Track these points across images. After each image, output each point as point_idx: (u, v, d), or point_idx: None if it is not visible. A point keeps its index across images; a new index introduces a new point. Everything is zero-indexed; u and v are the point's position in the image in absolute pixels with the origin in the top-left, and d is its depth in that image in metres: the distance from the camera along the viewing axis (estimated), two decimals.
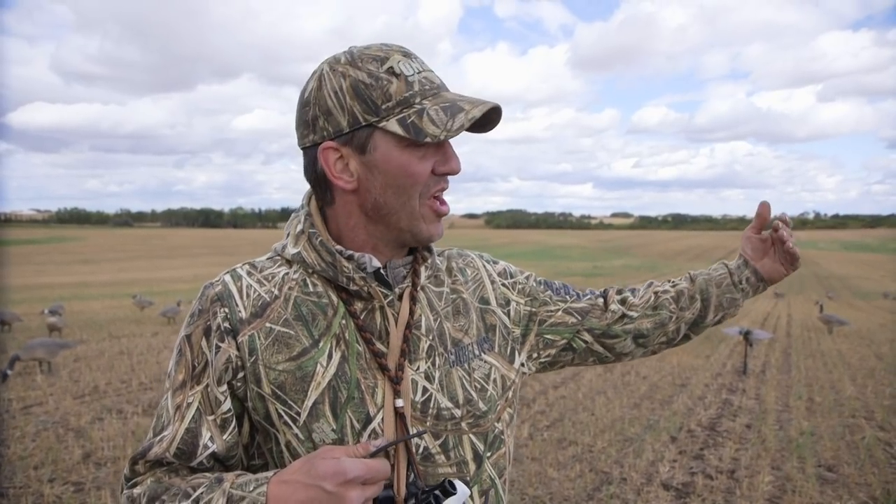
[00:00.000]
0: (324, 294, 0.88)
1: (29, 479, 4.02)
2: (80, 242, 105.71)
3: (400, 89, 0.81)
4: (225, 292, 0.86)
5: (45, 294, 24.50)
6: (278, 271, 0.90)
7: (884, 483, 4.20)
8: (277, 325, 0.86)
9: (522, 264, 1.54)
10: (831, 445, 5.02)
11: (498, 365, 0.97)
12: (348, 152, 0.84)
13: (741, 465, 4.56)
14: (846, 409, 6.26)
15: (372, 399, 0.85)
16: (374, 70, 0.82)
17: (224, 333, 0.84)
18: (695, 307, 1.08)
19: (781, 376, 8.07)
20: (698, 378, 7.70)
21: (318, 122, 0.84)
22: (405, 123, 0.81)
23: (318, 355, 0.85)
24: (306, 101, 0.85)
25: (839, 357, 9.77)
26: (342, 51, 0.86)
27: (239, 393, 0.86)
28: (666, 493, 4.01)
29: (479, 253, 1.08)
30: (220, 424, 0.85)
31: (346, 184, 0.85)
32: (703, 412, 6.05)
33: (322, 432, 0.83)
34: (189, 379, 0.85)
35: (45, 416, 5.50)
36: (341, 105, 0.82)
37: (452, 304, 0.96)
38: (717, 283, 1.08)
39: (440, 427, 0.88)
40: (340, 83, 0.82)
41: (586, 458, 4.65)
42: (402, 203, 0.85)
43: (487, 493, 0.92)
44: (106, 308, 17.25)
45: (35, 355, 7.02)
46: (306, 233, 0.89)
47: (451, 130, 0.80)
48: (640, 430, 5.38)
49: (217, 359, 0.84)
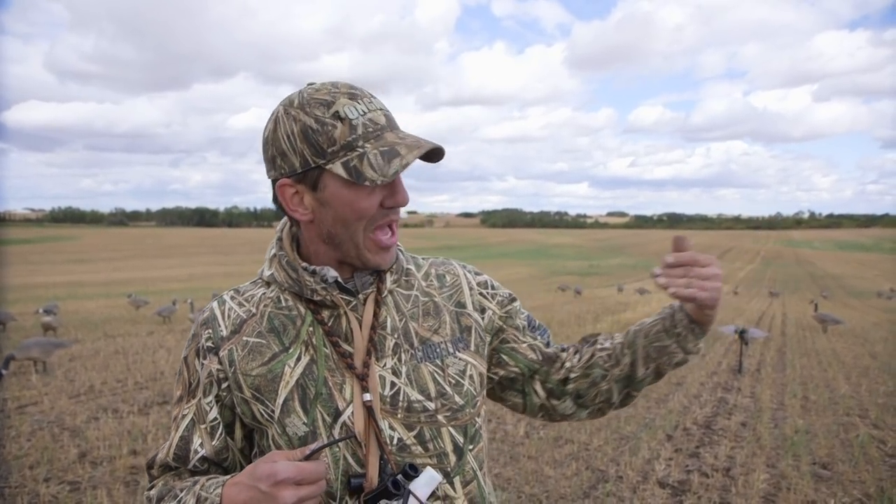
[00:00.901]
0: (293, 307, 0.98)
1: (24, 479, 4.01)
2: (75, 242, 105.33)
3: (343, 133, 0.88)
4: (211, 316, 1.00)
5: (40, 294, 24.41)
6: (257, 292, 1.02)
7: (877, 480, 4.23)
8: (252, 338, 0.97)
9: (518, 263, 1.55)
10: (826, 443, 5.05)
11: (474, 363, 1.03)
12: (302, 189, 0.92)
13: (736, 462, 4.58)
14: (840, 408, 6.29)
15: (340, 394, 0.93)
16: (321, 115, 0.88)
17: (207, 352, 0.97)
18: (623, 363, 1.05)
19: (776, 375, 8.10)
20: (694, 376, 7.73)
21: (276, 161, 0.92)
22: (348, 167, 0.87)
23: (286, 358, 0.95)
24: (266, 141, 0.93)
25: (834, 356, 9.82)
26: (298, 90, 0.94)
27: (227, 402, 0.97)
28: (662, 491, 4.02)
29: (463, 264, 1.14)
30: (209, 431, 0.97)
31: (301, 216, 0.94)
32: (698, 410, 6.07)
33: (294, 426, 0.92)
34: (185, 394, 0.99)
35: (41, 415, 5.48)
36: (293, 148, 0.89)
37: (422, 305, 1.03)
38: (646, 332, 1.03)
39: (413, 419, 0.95)
40: (292, 127, 0.89)
41: (582, 456, 4.67)
42: (349, 235, 0.93)
43: (470, 483, 0.98)
44: (101, 307, 17.20)
45: (30, 355, 6.99)
46: (277, 256, 1.00)
47: (387, 175, 0.86)
48: (636, 428, 5.40)
49: (203, 374, 0.97)
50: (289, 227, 1.03)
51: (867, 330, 13.71)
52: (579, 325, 12.16)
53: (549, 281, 38.50)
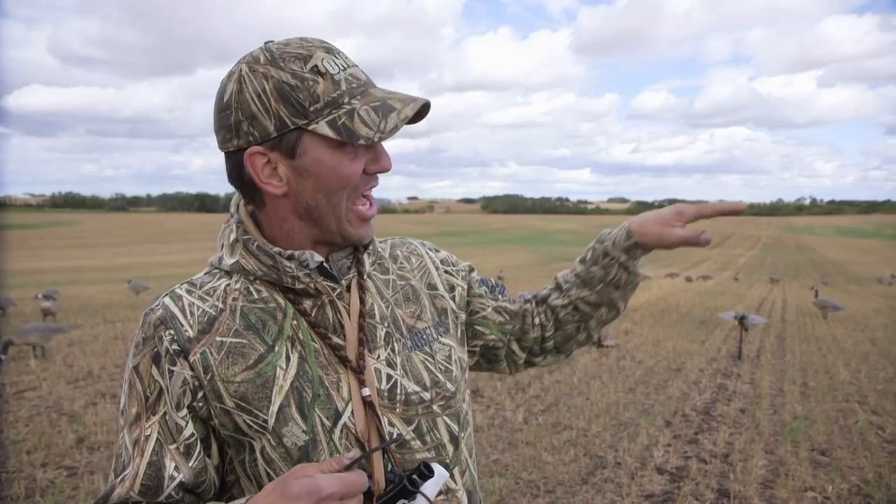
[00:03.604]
0: (269, 299, 0.86)
1: (22, 464, 4.01)
2: (75, 227, 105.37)
3: (327, 89, 0.78)
4: (167, 315, 0.83)
5: (40, 279, 24.42)
6: (219, 284, 0.87)
7: (876, 466, 4.22)
8: (228, 338, 0.83)
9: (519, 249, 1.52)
10: (825, 429, 5.04)
11: (455, 346, 0.99)
12: (276, 157, 0.81)
13: (735, 449, 4.57)
14: (840, 394, 6.28)
15: (338, 393, 0.84)
16: (298, 70, 0.78)
17: (175, 356, 0.81)
18: (599, 313, 1.08)
19: (776, 361, 8.10)
20: (693, 363, 7.73)
21: (241, 127, 0.80)
22: (336, 126, 0.78)
23: (275, 359, 0.83)
24: (227, 105, 0.81)
25: (833, 342, 9.81)
26: (258, 48, 0.82)
27: (202, 413, 0.83)
28: (660, 477, 4.02)
29: (420, 241, 1.08)
30: (183, 452, 0.82)
31: (275, 188, 0.82)
32: (697, 397, 6.07)
33: (293, 436, 0.82)
34: (143, 411, 0.82)
35: (39, 400, 5.48)
36: (266, 109, 0.78)
37: (402, 290, 0.96)
38: (615, 284, 1.06)
39: (411, 412, 0.88)
40: (263, 85, 0.78)
41: (581, 442, 4.66)
42: (332, 206, 0.83)
43: (465, 473, 0.94)
44: (101, 293, 17.20)
45: (29, 340, 6.98)
46: (241, 240, 0.87)
47: (385, 132, 0.78)
48: (634, 414, 5.39)
49: (172, 384, 0.81)
50: (244, 207, 0.90)
51: (867, 316, 13.70)
52: None
53: (550, 267, 38.49)
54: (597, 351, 8.22)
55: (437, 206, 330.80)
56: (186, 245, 65.23)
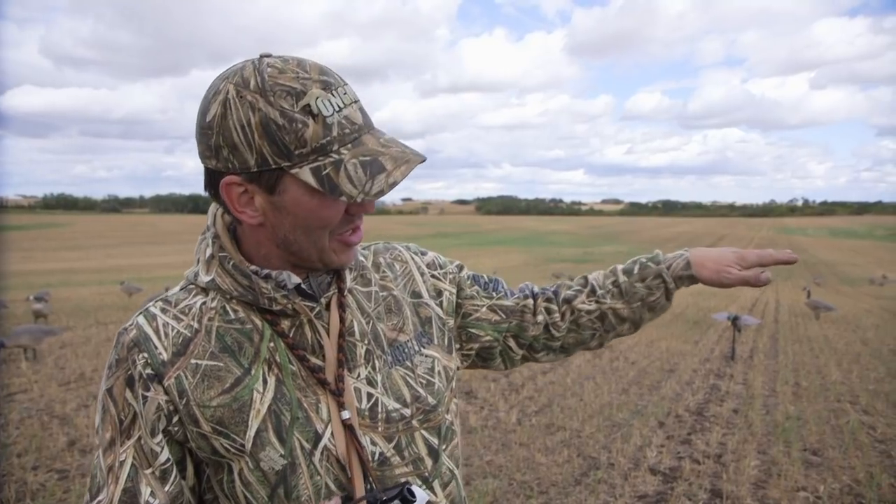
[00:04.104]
0: (246, 320, 0.83)
1: (12, 467, 3.98)
2: (68, 228, 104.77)
3: (316, 134, 0.73)
4: (141, 336, 0.81)
5: (32, 280, 24.27)
6: (194, 302, 0.84)
7: (867, 466, 4.25)
8: (203, 360, 0.81)
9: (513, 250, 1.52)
10: (817, 430, 5.07)
11: (439, 357, 0.95)
12: (254, 189, 0.77)
13: (728, 449, 4.59)
14: (832, 394, 6.32)
15: (317, 415, 0.82)
16: (288, 108, 0.73)
17: (148, 381, 0.79)
18: (622, 328, 1.07)
19: (769, 361, 8.13)
20: (686, 363, 7.75)
21: (221, 152, 0.76)
22: (319, 175, 0.73)
23: (252, 382, 0.81)
24: (209, 126, 0.76)
25: (825, 342, 9.86)
26: (250, 65, 0.76)
27: (178, 437, 0.81)
28: (653, 478, 4.03)
29: (405, 245, 1.04)
30: (159, 476, 0.80)
31: (250, 218, 0.79)
32: (690, 397, 6.09)
33: (270, 460, 0.80)
34: (118, 435, 0.80)
35: (30, 403, 5.45)
36: (249, 142, 0.73)
37: (384, 302, 0.93)
38: (651, 306, 1.05)
39: (392, 429, 0.86)
40: (249, 117, 0.73)
41: (574, 443, 4.67)
42: (312, 242, 0.80)
43: (448, 485, 0.92)
44: (93, 294, 17.12)
45: (20, 342, 6.94)
46: (216, 257, 0.84)
47: (369, 194, 0.74)
48: (628, 415, 5.40)
49: (147, 409, 0.79)
50: (222, 218, 0.87)
51: (859, 316, 13.78)
52: None
53: (544, 268, 38.54)
54: (590, 352, 8.23)
55: (431, 208, 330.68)
56: (180, 246, 64.94)
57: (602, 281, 1.06)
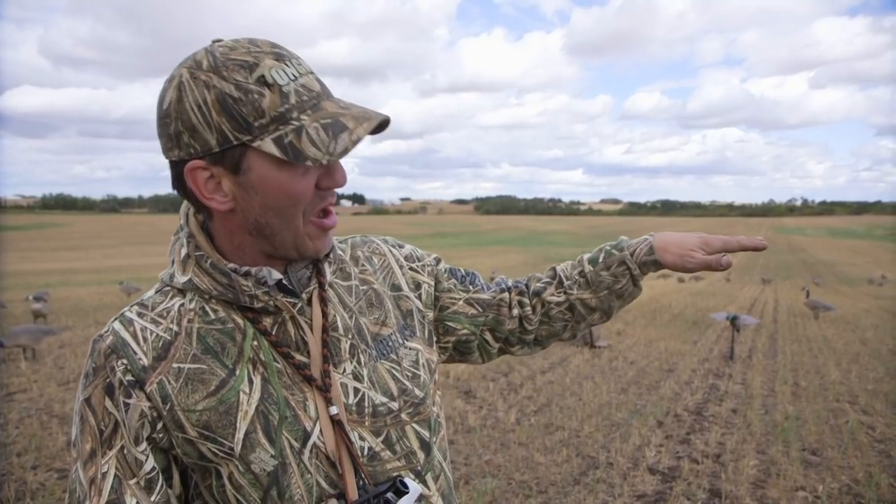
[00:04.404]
0: (227, 319, 0.81)
1: (12, 466, 3.98)
2: (66, 228, 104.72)
3: (274, 103, 0.72)
4: (118, 342, 0.78)
5: (31, 281, 24.27)
6: (172, 304, 0.82)
7: (866, 466, 4.25)
8: (186, 364, 0.79)
9: (511, 250, 1.52)
10: (816, 429, 5.08)
11: (422, 349, 0.95)
12: (220, 171, 0.75)
13: (727, 449, 4.59)
14: (831, 394, 6.32)
15: (305, 413, 0.81)
16: (243, 80, 0.72)
17: (129, 387, 0.76)
18: (592, 317, 1.06)
19: (767, 361, 8.14)
20: (685, 363, 7.76)
21: (182, 138, 0.74)
22: (282, 144, 0.72)
23: (237, 383, 0.79)
24: (166, 113, 0.75)
25: (824, 342, 9.87)
26: (202, 49, 0.76)
27: (163, 444, 0.79)
28: (652, 478, 4.03)
29: (383, 238, 1.04)
30: (144, 486, 0.77)
31: (219, 204, 0.77)
32: (689, 397, 6.09)
33: (261, 461, 0.79)
34: (99, 446, 0.76)
35: (29, 402, 5.44)
36: (207, 122, 0.72)
37: (364, 296, 0.92)
38: (618, 294, 1.04)
39: (379, 423, 0.86)
40: (204, 95, 0.72)
41: (573, 442, 4.67)
42: (285, 223, 0.78)
43: (439, 478, 0.92)
44: (92, 294, 17.11)
45: (19, 342, 6.93)
46: (192, 257, 0.81)
47: (335, 153, 0.72)
48: (626, 414, 5.41)
49: (129, 417, 0.76)
50: (195, 217, 0.84)
51: (858, 316, 13.80)
52: None
53: (543, 268, 38.41)
54: (589, 352, 8.24)
55: (429, 207, 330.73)
56: None
57: (569, 272, 1.06)
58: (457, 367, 6.83)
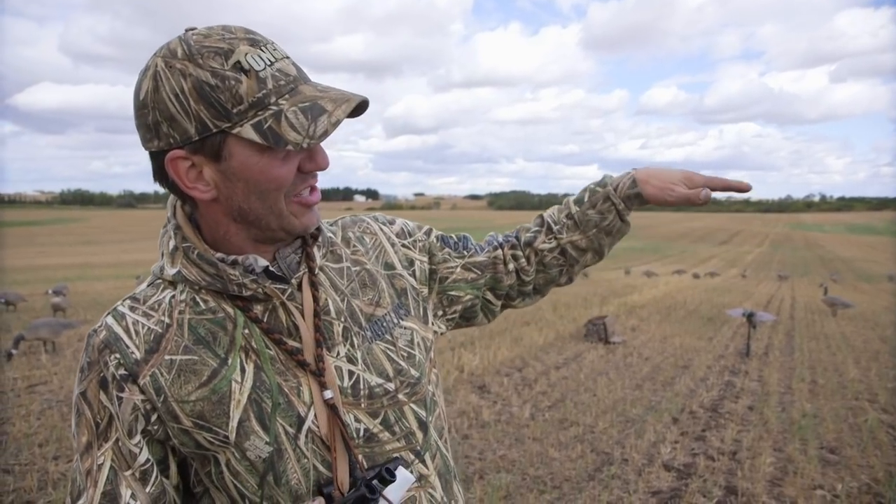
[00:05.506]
0: (217, 309, 0.82)
1: (34, 457, 4.05)
2: (84, 223, 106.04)
3: (251, 88, 0.72)
4: (111, 337, 0.79)
5: (49, 275, 24.59)
6: (163, 297, 0.83)
7: (886, 465, 4.20)
8: (178, 355, 0.79)
9: None
10: (834, 427, 5.02)
11: (417, 328, 0.96)
12: (200, 160, 0.76)
13: (743, 446, 4.56)
14: (849, 392, 6.25)
15: (299, 399, 0.82)
16: (219, 67, 0.72)
17: (122, 381, 0.78)
18: (585, 258, 1.08)
19: (784, 358, 8.06)
20: (701, 360, 7.70)
21: (160, 128, 0.74)
22: (261, 129, 0.72)
23: (230, 373, 0.80)
24: (143, 104, 0.74)
25: (843, 339, 9.75)
26: (176, 38, 0.75)
27: (158, 436, 0.80)
28: (667, 474, 4.01)
29: (373, 216, 1.04)
30: (139, 478, 0.79)
31: (202, 194, 0.78)
32: (705, 394, 6.05)
33: (256, 448, 0.80)
34: (94, 438, 0.78)
35: (50, 394, 5.53)
36: (185, 110, 0.72)
37: (357, 277, 0.92)
38: (607, 231, 1.06)
39: (376, 405, 0.86)
40: (181, 84, 0.72)
41: (588, 438, 4.66)
42: (268, 208, 0.78)
43: (436, 457, 0.92)
44: (109, 289, 17.31)
45: (39, 335, 7.05)
46: (180, 248, 0.82)
47: (315, 137, 0.73)
48: (641, 411, 5.38)
49: (122, 410, 0.78)
50: (182, 209, 0.85)
51: (877, 314, 13.61)
52: (585, 307, 12.13)
53: None
54: (604, 347, 8.21)
55: (443, 203, 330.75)
56: None
57: (557, 216, 1.08)
58: (471, 361, 6.83)
